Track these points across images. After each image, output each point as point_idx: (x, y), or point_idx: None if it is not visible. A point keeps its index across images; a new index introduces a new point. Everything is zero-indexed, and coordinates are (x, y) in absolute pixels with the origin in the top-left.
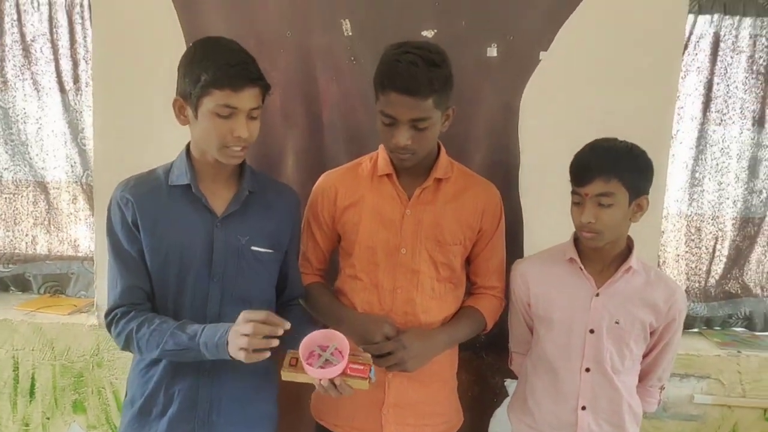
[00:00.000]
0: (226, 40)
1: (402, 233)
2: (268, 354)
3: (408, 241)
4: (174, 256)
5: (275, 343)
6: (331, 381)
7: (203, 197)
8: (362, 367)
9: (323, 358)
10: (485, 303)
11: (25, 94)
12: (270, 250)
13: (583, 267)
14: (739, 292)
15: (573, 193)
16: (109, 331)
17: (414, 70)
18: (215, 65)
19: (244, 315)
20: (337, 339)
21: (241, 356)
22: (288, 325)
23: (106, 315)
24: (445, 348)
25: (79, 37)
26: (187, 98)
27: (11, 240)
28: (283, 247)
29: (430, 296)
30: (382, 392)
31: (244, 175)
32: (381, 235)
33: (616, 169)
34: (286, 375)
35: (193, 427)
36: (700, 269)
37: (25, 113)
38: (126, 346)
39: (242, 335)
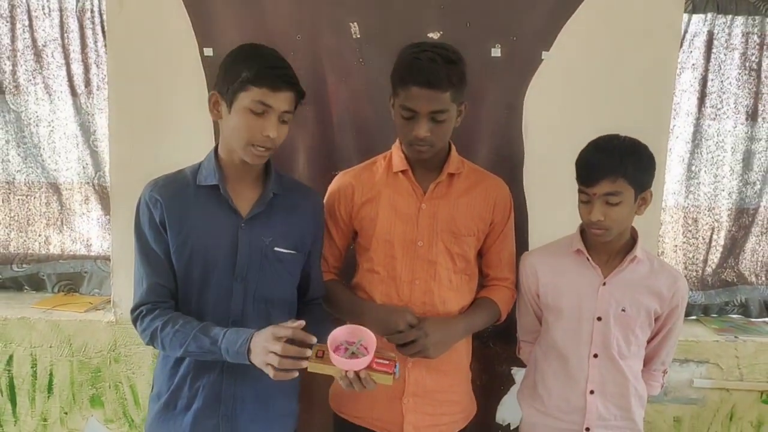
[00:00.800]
0: (269, 47)
1: (418, 226)
2: (296, 374)
3: (424, 233)
4: (199, 255)
5: (304, 364)
6: (356, 374)
7: (230, 198)
8: (388, 362)
9: (350, 352)
10: (499, 294)
11: (37, 98)
12: (293, 252)
13: (590, 257)
14: (735, 280)
15: (580, 191)
16: (135, 326)
17: (434, 66)
18: (258, 64)
19: (273, 331)
20: (363, 335)
21: (269, 372)
22: (314, 340)
23: (132, 311)
24: (463, 336)
25: (90, 41)
26: (224, 93)
27: (25, 240)
28: (306, 248)
29: (448, 287)
30: (402, 382)
31: (269, 177)
32: (398, 229)
33: (621, 168)
34: (313, 366)
35: (217, 422)
36: (697, 259)
37: (37, 116)
38: (151, 342)
39: (270, 353)
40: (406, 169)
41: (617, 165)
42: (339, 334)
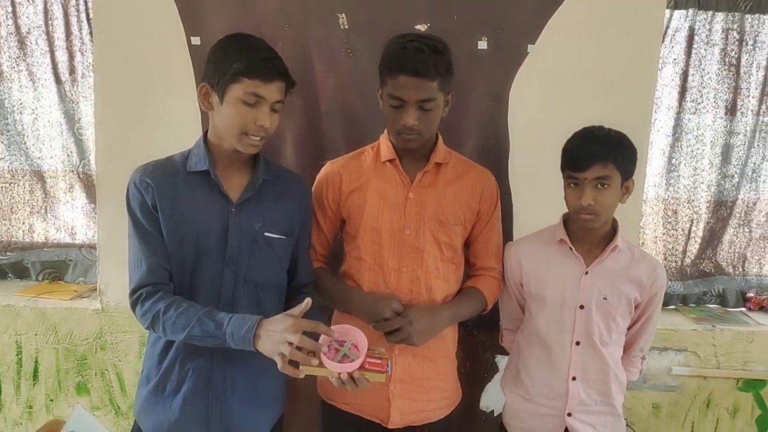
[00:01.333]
0: (258, 38)
1: (406, 215)
2: (302, 375)
3: (412, 222)
4: (190, 241)
5: (315, 362)
6: (349, 375)
7: (220, 183)
8: (380, 361)
9: (341, 353)
10: (486, 284)
11: (21, 85)
12: (282, 237)
13: (573, 247)
14: (713, 271)
15: (569, 177)
16: (134, 310)
17: (421, 55)
18: (249, 56)
19: (295, 323)
20: (353, 334)
21: (278, 361)
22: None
23: (131, 294)
24: (448, 324)
25: (74, 29)
26: (215, 85)
27: (8, 228)
28: (294, 233)
29: (435, 275)
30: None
31: (258, 163)
32: (385, 217)
33: (612, 154)
34: (305, 369)
35: (207, 404)
36: (676, 250)
37: (21, 104)
38: (151, 326)
39: (288, 343)
40: (394, 158)
41: (608, 151)
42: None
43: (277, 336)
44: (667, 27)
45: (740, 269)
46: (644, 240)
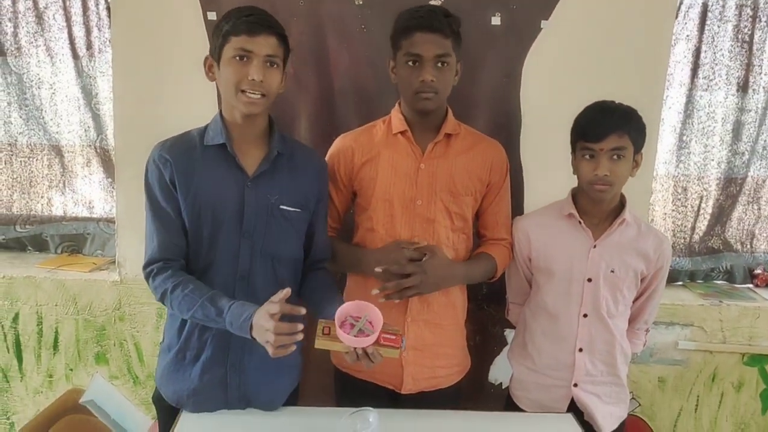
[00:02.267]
0: (252, 6)
1: (417, 185)
2: (293, 348)
3: (423, 192)
4: (207, 213)
5: (299, 337)
6: (364, 350)
7: (236, 156)
8: (394, 337)
9: (357, 328)
10: (497, 250)
11: (38, 60)
12: (298, 210)
13: (581, 221)
14: (721, 247)
15: (584, 149)
16: (147, 282)
17: (434, 14)
18: (235, 17)
19: (266, 308)
20: (369, 310)
21: (268, 349)
22: (302, 311)
23: (144, 267)
24: (460, 282)
25: (91, 4)
26: (213, 53)
27: (27, 202)
28: (310, 207)
29: (446, 245)
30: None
31: (273, 136)
32: (397, 188)
33: (627, 125)
34: (320, 343)
35: (225, 371)
36: (685, 226)
37: (39, 79)
38: (161, 301)
39: (267, 331)
40: (406, 129)
41: (624, 122)
42: (344, 309)
43: (259, 326)
44: (681, 3)
45: (748, 246)
46: (654, 216)
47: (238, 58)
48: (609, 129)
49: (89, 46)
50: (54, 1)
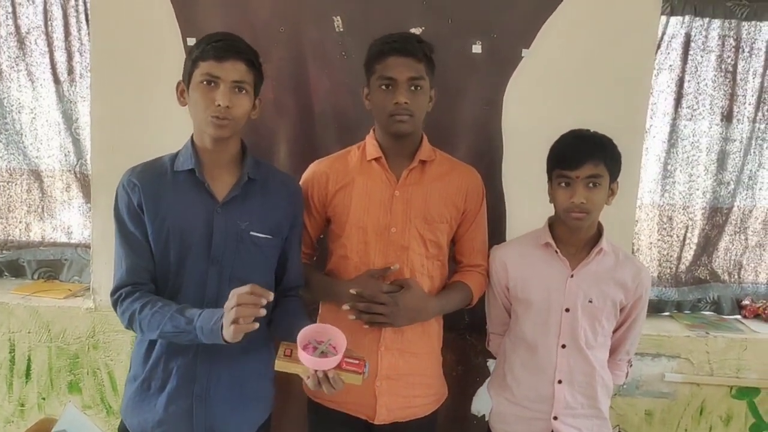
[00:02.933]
0: (225, 32)
1: (392, 213)
2: (256, 325)
3: (398, 220)
4: (175, 238)
5: (263, 312)
6: (325, 374)
7: (206, 182)
8: (357, 362)
9: (319, 351)
10: (471, 278)
11: (19, 85)
12: (269, 236)
13: (558, 250)
14: (708, 278)
15: (560, 176)
16: (115, 309)
17: (408, 38)
18: (205, 42)
19: (232, 292)
20: (332, 334)
21: (231, 330)
22: (271, 296)
23: (112, 294)
24: (433, 315)
25: (73, 29)
26: (184, 78)
27: (5, 227)
28: (282, 233)
29: (420, 272)
30: (375, 365)
31: (245, 162)
32: (371, 215)
33: (602, 154)
34: (280, 365)
35: (191, 403)
36: (671, 256)
37: (19, 103)
38: (129, 326)
39: (230, 308)
40: (380, 156)
41: (599, 150)
42: (308, 332)
43: (225, 316)
44: (664, 33)
45: (736, 276)
46: (639, 246)
47: (205, 83)
48: (585, 157)
49: (70, 71)
50: (36, 26)
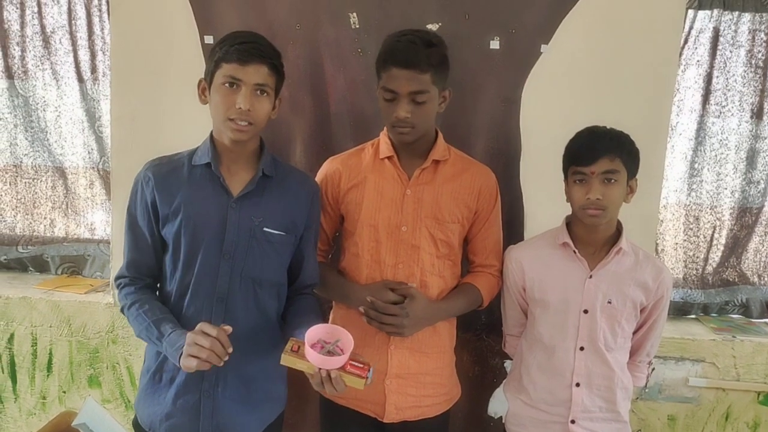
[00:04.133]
0: (249, 31)
1: (403, 212)
2: (207, 366)
3: (409, 219)
4: (187, 231)
5: (220, 363)
6: (328, 374)
7: (222, 177)
8: (362, 366)
9: (326, 350)
10: (482, 280)
11: (44, 84)
12: (283, 233)
13: (576, 250)
14: (736, 280)
15: (575, 173)
16: (117, 292)
17: (413, 47)
18: (229, 43)
19: (200, 327)
20: (341, 335)
21: (189, 363)
22: (229, 329)
23: (115, 279)
24: (441, 319)
25: (96, 29)
26: (207, 77)
27: (30, 223)
28: (297, 231)
29: (430, 272)
30: (385, 363)
31: (262, 158)
32: (383, 214)
33: (619, 148)
34: (286, 359)
35: (198, 398)
36: (698, 257)
37: (44, 101)
38: (122, 312)
39: (197, 346)
40: (392, 155)
41: (615, 145)
42: (318, 331)
43: (187, 344)
44: (691, 28)
45: (766, 279)
46: (664, 246)
47: (227, 85)
48: (600, 152)
49: (94, 69)
50: (61, 25)
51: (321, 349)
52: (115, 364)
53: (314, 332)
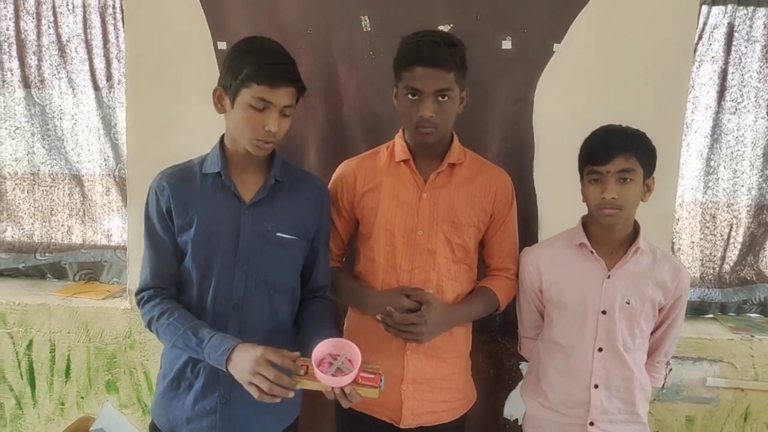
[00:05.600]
0: (271, 41)
1: (419, 216)
2: (278, 400)
3: (425, 223)
4: (202, 240)
5: (291, 394)
6: (341, 389)
7: (232, 184)
8: (373, 376)
9: (335, 366)
10: (499, 284)
11: (61, 92)
12: (295, 237)
13: (593, 251)
14: (754, 278)
15: (591, 172)
16: (139, 308)
17: (437, 47)
18: (258, 61)
19: (264, 353)
20: (348, 348)
21: (253, 392)
22: (302, 372)
23: (136, 294)
24: (458, 324)
25: (111, 37)
26: (227, 89)
27: (48, 230)
28: (308, 235)
29: (446, 276)
30: (401, 369)
31: (273, 164)
32: (399, 218)
33: (634, 147)
34: (298, 382)
35: (215, 404)
36: (714, 256)
37: (61, 110)
38: (148, 328)
39: (259, 375)
40: (408, 158)
41: (630, 143)
42: (323, 348)
43: (247, 365)
44: (705, 23)
45: None
46: (680, 245)
47: (255, 107)
48: (615, 151)
49: (109, 77)
50: (76, 34)
51: (329, 366)
52: (132, 369)
53: (320, 349)
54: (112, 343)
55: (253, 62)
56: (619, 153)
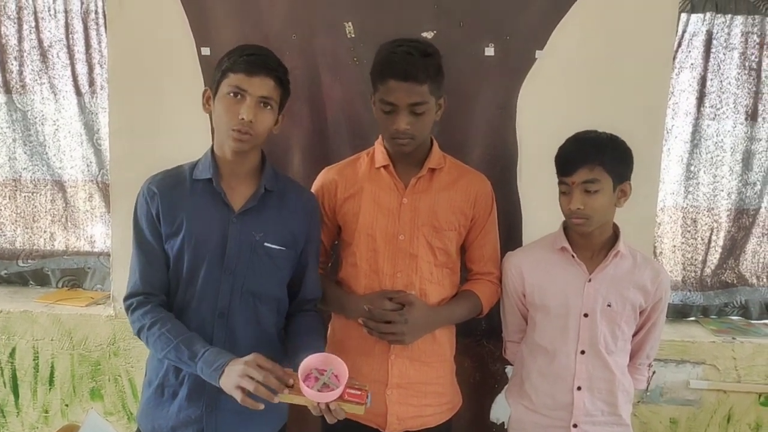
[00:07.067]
0: (257, 45)
1: (400, 220)
2: (262, 406)
3: (406, 227)
4: (189, 247)
5: (276, 399)
6: (327, 405)
7: (222, 192)
8: (359, 392)
9: (321, 382)
10: (481, 287)
11: (42, 97)
12: (283, 248)
13: (574, 255)
14: (735, 281)
15: (560, 183)
16: (127, 315)
17: (410, 59)
18: (237, 54)
19: (256, 358)
20: (334, 364)
21: (237, 396)
22: (291, 382)
23: (125, 299)
24: (441, 325)
25: (94, 42)
26: (212, 86)
27: (30, 236)
28: (297, 246)
29: (429, 280)
30: (385, 373)
31: (264, 173)
32: (380, 223)
33: (598, 157)
34: (283, 397)
35: (201, 412)
36: (696, 259)
37: (42, 115)
38: (138, 335)
39: (247, 377)
40: (388, 164)
41: (594, 153)
42: (310, 362)
43: (237, 370)
44: (684, 31)
45: (764, 279)
46: (662, 250)
47: (232, 95)
48: (578, 162)
49: (92, 82)
50: (58, 39)
51: (316, 381)
52: (117, 376)
53: (307, 364)
54: (96, 350)
55: (234, 55)
56: (583, 164)
